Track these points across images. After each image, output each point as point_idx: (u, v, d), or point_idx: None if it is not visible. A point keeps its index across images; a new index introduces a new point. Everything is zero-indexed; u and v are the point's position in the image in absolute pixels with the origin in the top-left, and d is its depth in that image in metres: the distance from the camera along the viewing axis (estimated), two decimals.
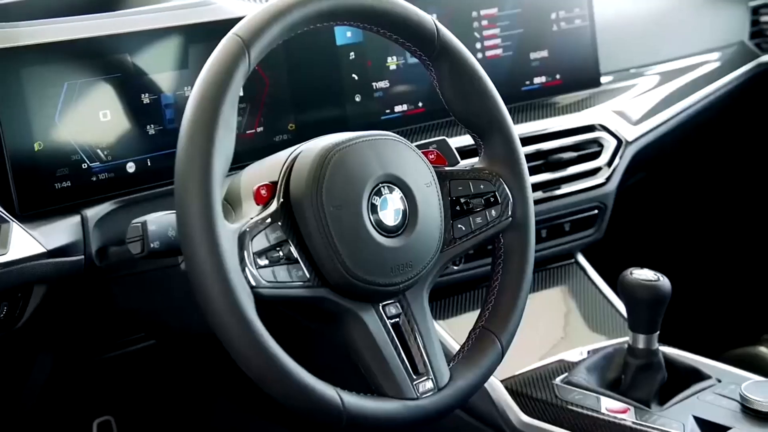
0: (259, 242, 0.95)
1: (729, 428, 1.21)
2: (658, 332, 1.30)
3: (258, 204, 0.99)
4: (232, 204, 1.03)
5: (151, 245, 0.97)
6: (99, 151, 1.14)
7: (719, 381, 1.32)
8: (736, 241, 2.25)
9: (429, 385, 1.03)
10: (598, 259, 1.65)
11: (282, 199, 0.99)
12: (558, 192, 1.53)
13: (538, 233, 1.50)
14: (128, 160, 1.17)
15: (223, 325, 0.90)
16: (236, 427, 1.71)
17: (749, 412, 1.23)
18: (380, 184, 1.02)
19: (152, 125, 1.18)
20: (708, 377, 1.33)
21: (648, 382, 1.30)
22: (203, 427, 1.73)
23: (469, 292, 1.48)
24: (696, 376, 1.34)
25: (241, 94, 1.22)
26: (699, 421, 1.23)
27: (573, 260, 1.62)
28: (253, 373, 0.92)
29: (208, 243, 0.89)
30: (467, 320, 1.14)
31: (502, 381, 1.35)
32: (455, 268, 1.40)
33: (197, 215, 0.89)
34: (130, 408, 1.67)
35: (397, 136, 1.06)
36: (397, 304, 1.05)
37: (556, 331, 1.51)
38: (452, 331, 1.39)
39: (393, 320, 1.04)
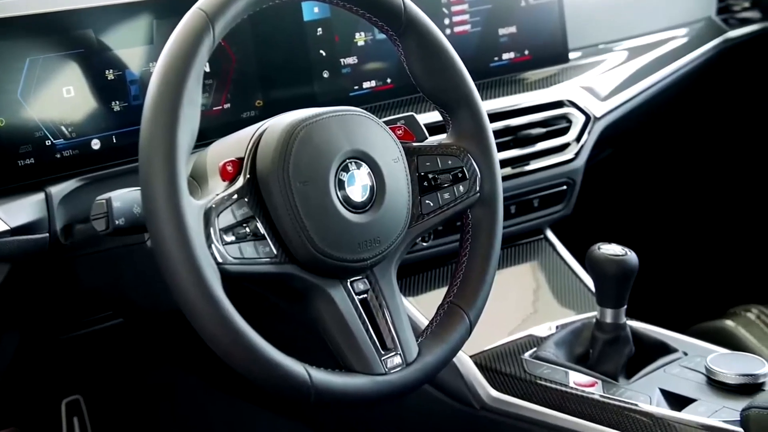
0: (226, 218, 0.94)
1: (694, 400, 1.22)
2: (626, 306, 1.31)
3: (224, 180, 0.98)
4: (198, 180, 1.02)
5: (116, 222, 0.96)
6: (63, 127, 1.13)
7: (685, 354, 1.34)
8: (703, 216, 2.28)
9: (397, 360, 1.03)
10: (567, 234, 1.66)
11: (248, 175, 0.98)
12: (527, 168, 1.53)
13: (507, 209, 1.52)
14: (93, 137, 1.15)
15: (190, 302, 0.89)
16: (205, 404, 1.71)
17: (714, 384, 1.24)
18: (347, 160, 1.01)
19: (117, 102, 1.17)
20: (674, 350, 1.34)
21: (615, 356, 1.31)
22: (173, 404, 1.72)
23: (439, 268, 1.48)
24: (663, 349, 1.35)
25: (208, 70, 1.23)
26: (665, 393, 1.25)
27: (542, 236, 1.62)
28: (220, 349, 0.91)
29: (173, 219, 0.88)
30: (436, 296, 1.14)
31: (471, 356, 1.35)
32: (424, 244, 1.41)
33: (162, 191, 0.89)
34: (98, 387, 1.66)
35: (364, 111, 1.06)
36: (365, 280, 1.05)
37: (525, 306, 1.51)
38: (421, 308, 1.39)
39: (361, 296, 1.04)
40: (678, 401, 1.23)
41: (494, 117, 1.45)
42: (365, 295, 1.04)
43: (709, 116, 2.20)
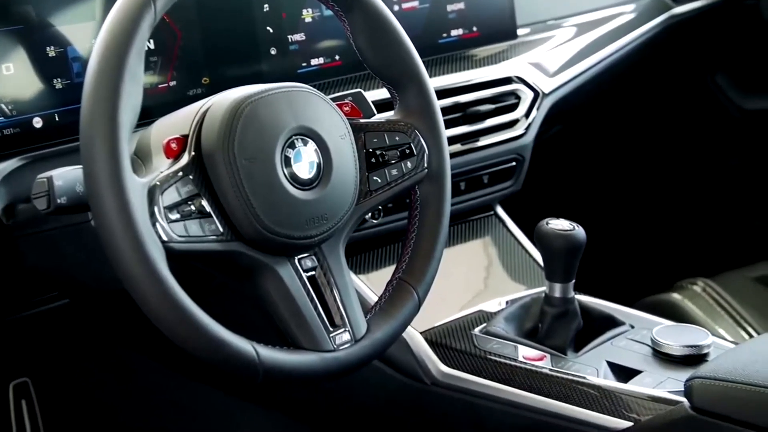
0: (170, 196, 0.93)
1: (640, 371, 1.24)
2: (574, 281, 1.32)
3: (168, 158, 0.97)
4: (142, 158, 1.01)
5: (58, 201, 0.95)
6: (3, 105, 1.11)
7: (632, 327, 1.35)
8: (650, 192, 2.30)
9: (346, 337, 1.04)
10: (517, 210, 1.67)
11: (193, 153, 0.97)
12: (476, 144, 1.54)
13: (457, 186, 1.52)
14: (34, 115, 1.13)
15: (134, 280, 0.89)
16: (156, 384, 1.69)
17: (659, 355, 1.26)
18: (294, 137, 1.01)
19: (59, 79, 1.15)
20: (621, 324, 1.36)
21: (564, 329, 1.32)
22: (123, 385, 1.71)
23: (389, 245, 1.48)
24: (610, 322, 1.36)
25: (153, 47, 1.21)
26: (612, 365, 1.26)
27: (492, 212, 1.63)
28: (166, 328, 0.91)
29: (116, 197, 0.87)
30: (386, 273, 1.14)
31: (421, 332, 1.36)
32: (375, 222, 1.41)
33: (104, 169, 0.87)
34: (47, 368, 1.64)
35: (311, 87, 1.05)
36: (313, 257, 1.04)
37: (476, 282, 1.52)
38: (372, 285, 1.40)
39: (309, 273, 1.03)
40: (624, 373, 1.25)
41: (443, 93, 1.45)
42: (313, 272, 1.04)
43: (657, 92, 2.22)
